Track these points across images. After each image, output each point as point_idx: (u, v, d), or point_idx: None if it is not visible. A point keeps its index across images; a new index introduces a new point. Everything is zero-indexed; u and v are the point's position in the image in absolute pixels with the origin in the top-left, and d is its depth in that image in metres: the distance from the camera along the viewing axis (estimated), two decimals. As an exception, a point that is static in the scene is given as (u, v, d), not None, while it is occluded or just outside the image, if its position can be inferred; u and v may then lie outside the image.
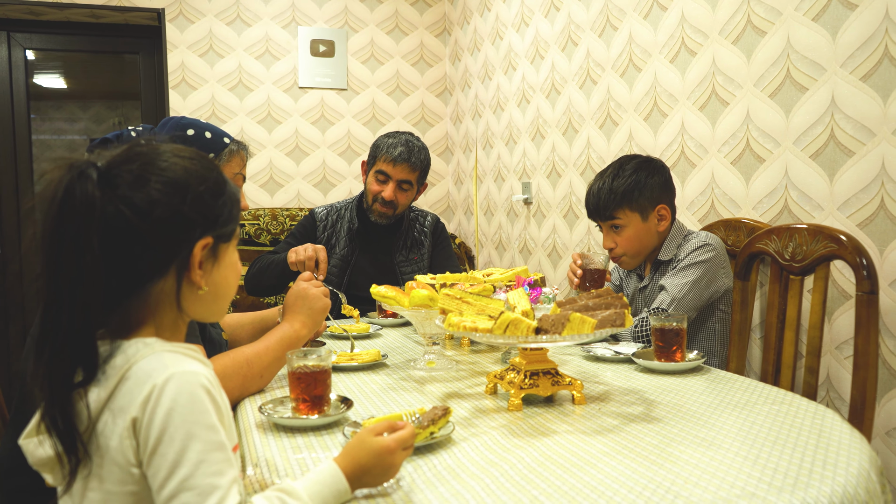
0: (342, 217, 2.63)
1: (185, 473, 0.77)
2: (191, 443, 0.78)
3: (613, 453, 1.07)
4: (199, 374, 0.83)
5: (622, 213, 1.97)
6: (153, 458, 0.79)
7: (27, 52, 4.17)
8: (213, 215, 0.90)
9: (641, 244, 2.00)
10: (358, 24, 4.24)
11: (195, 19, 3.97)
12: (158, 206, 0.84)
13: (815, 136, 1.87)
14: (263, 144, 4.09)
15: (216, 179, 0.91)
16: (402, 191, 2.52)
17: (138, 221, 0.83)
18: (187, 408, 0.80)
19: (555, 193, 3.23)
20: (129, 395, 0.81)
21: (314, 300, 1.61)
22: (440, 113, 4.44)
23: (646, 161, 2.01)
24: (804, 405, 1.29)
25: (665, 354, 1.58)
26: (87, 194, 0.81)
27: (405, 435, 0.96)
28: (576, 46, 2.98)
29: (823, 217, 1.85)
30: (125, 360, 0.83)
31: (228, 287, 0.96)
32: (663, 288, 1.90)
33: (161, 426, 0.78)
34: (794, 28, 1.91)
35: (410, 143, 2.52)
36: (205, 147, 1.58)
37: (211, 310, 0.96)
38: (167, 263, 0.87)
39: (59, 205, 0.81)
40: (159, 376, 0.81)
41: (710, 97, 2.24)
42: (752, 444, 1.09)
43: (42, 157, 4.48)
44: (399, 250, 2.63)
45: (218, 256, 0.92)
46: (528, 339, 1.25)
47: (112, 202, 0.82)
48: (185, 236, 0.87)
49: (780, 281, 1.85)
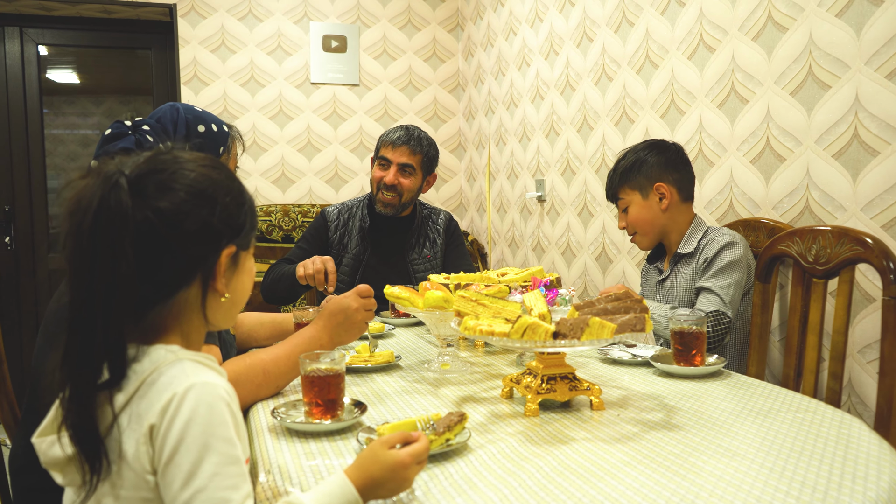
0: (354, 216, 2.60)
1: (200, 485, 0.77)
2: (207, 455, 0.78)
3: (634, 462, 1.04)
4: (219, 386, 0.83)
5: (623, 191, 2.05)
6: (168, 468, 0.78)
7: (39, 47, 4.17)
8: (238, 225, 0.91)
9: (646, 222, 2.03)
10: (370, 19, 4.22)
11: (207, 15, 3.95)
12: (188, 217, 0.85)
13: (837, 135, 1.83)
14: (275, 140, 4.08)
15: (238, 189, 0.93)
16: (404, 175, 2.47)
17: (167, 231, 0.84)
18: (206, 419, 0.79)
19: (569, 191, 3.19)
20: (149, 402, 0.80)
21: (353, 325, 1.53)
22: (453, 109, 4.41)
23: (654, 142, 2.07)
24: (829, 413, 1.26)
25: (684, 358, 1.55)
26: (120, 203, 0.81)
27: (419, 449, 0.94)
28: (591, 42, 2.94)
29: (846, 218, 1.81)
30: (148, 365, 0.83)
31: (245, 293, 0.98)
32: (706, 290, 1.87)
33: (178, 436, 0.78)
34: (817, 24, 1.87)
35: (411, 129, 2.52)
36: (215, 141, 1.56)
37: (229, 316, 0.97)
38: (194, 272, 0.88)
39: (95, 214, 0.81)
40: (180, 385, 0.80)
41: (730, 94, 2.20)
42: (776, 454, 1.06)
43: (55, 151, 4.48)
44: (412, 248, 2.59)
45: (238, 264, 0.94)
46: (547, 343, 1.22)
47: (141, 210, 0.83)
48: (212, 246, 0.89)
49: (802, 284, 1.82)
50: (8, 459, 1.47)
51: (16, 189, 4.17)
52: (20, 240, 4.21)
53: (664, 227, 2.03)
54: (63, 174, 4.51)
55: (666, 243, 2.09)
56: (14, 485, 1.43)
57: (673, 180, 2.01)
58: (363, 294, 1.57)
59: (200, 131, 1.55)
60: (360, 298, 1.55)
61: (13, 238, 4.20)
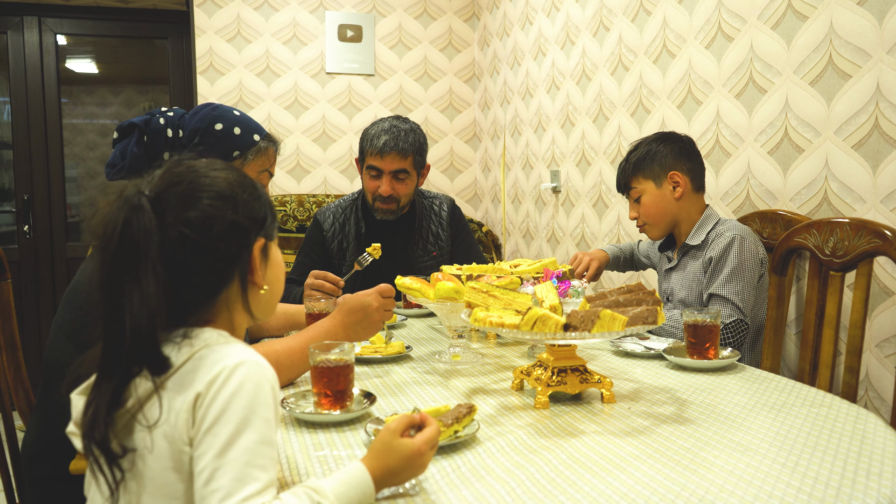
0: (349, 219, 2.46)
1: (232, 457, 0.78)
2: (246, 429, 0.79)
3: (644, 457, 1.03)
4: (267, 369, 0.85)
5: (636, 181, 2.05)
6: (206, 437, 0.79)
7: (58, 36, 4.20)
8: (261, 217, 0.95)
9: (659, 211, 2.03)
10: (386, 8, 4.20)
11: (223, 4, 3.95)
12: (215, 220, 0.88)
13: (857, 126, 1.80)
14: (290, 130, 4.08)
15: (251, 183, 0.96)
16: (398, 181, 2.35)
17: (200, 238, 0.87)
18: (251, 395, 0.81)
19: (584, 182, 3.17)
20: (198, 373, 0.83)
21: (371, 324, 1.52)
22: (468, 99, 4.39)
23: (664, 133, 2.06)
24: (844, 408, 1.24)
25: (697, 351, 1.53)
26: (143, 225, 0.84)
27: (432, 434, 0.94)
28: (607, 32, 2.91)
29: (865, 210, 1.78)
30: (200, 342, 0.86)
31: (280, 282, 1.02)
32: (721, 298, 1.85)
33: (222, 406, 0.80)
34: (838, 12, 1.83)
35: (395, 129, 2.32)
36: (230, 144, 1.55)
37: (270, 308, 1.00)
38: (231, 271, 0.91)
39: (119, 238, 0.83)
40: (231, 360, 0.83)
41: (748, 84, 2.17)
42: (789, 449, 1.05)
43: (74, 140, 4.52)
44: (416, 245, 2.47)
45: (269, 255, 0.98)
46: (557, 336, 1.21)
47: (173, 227, 0.86)
48: (243, 242, 0.92)
49: (819, 277, 1.79)
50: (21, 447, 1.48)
51: (34, 178, 4.21)
52: (39, 228, 4.25)
53: (676, 217, 2.02)
54: (82, 163, 4.55)
55: (676, 233, 2.07)
56: (28, 473, 1.45)
57: (686, 169, 1.99)
58: (385, 294, 1.54)
59: (216, 129, 1.54)
60: (381, 298, 1.53)
61: (32, 227, 4.24)
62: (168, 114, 1.54)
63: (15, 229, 4.26)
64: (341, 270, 2.42)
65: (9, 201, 4.36)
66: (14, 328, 1.73)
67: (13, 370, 1.71)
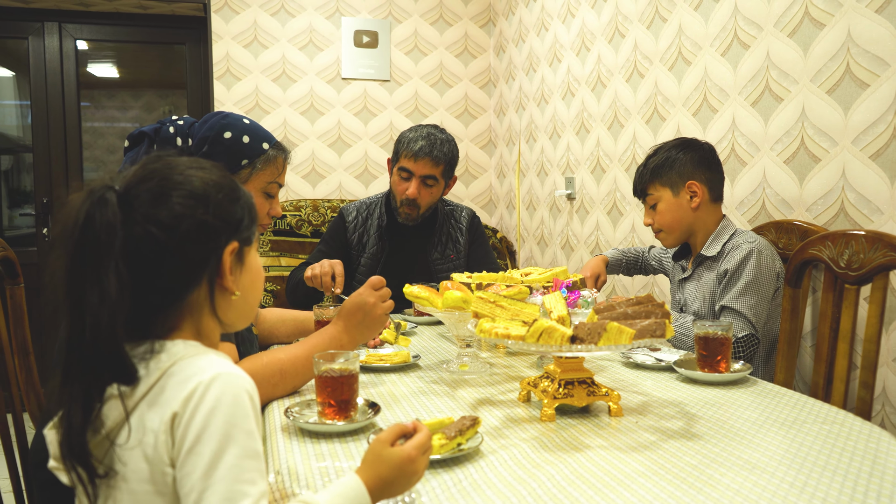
0: (372, 214, 2.54)
1: (219, 476, 0.76)
2: (229, 445, 0.77)
3: (650, 473, 1.01)
4: (243, 378, 0.82)
5: (653, 188, 2.01)
6: (189, 457, 0.77)
7: (78, 42, 4.24)
8: (235, 220, 0.91)
9: (675, 220, 1.99)
10: (402, 14, 4.20)
11: (240, 10, 3.98)
12: (184, 219, 0.85)
13: (875, 136, 1.77)
14: (306, 136, 4.09)
15: (231, 185, 0.92)
16: (426, 187, 2.41)
17: (166, 238, 0.83)
18: (231, 409, 0.78)
19: (599, 189, 3.15)
20: (172, 391, 0.80)
21: (374, 321, 1.50)
22: (483, 105, 4.38)
23: (686, 140, 2.03)
24: (857, 426, 1.21)
25: (708, 364, 1.51)
26: (106, 220, 0.80)
27: (422, 439, 0.93)
28: (623, 38, 2.89)
29: (883, 222, 1.75)
30: (167, 359, 0.83)
31: (256, 291, 0.97)
32: (734, 311, 1.82)
33: (202, 424, 0.77)
34: (856, 20, 1.81)
35: (432, 136, 2.39)
36: (238, 153, 1.55)
37: (243, 315, 0.96)
38: (199, 273, 0.87)
39: (80, 233, 0.80)
40: (205, 374, 0.80)
41: (764, 92, 2.14)
42: (798, 468, 1.03)
43: (95, 144, 4.57)
44: (434, 248, 2.54)
45: (244, 261, 0.93)
46: (563, 348, 1.20)
47: (139, 223, 0.82)
48: (213, 244, 0.88)
49: (833, 289, 1.76)
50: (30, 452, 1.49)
51: (53, 181, 4.26)
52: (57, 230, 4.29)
53: (691, 226, 1.99)
54: (102, 167, 4.60)
55: (691, 242, 2.05)
56: (36, 478, 1.45)
57: (705, 179, 1.97)
58: (376, 286, 1.52)
59: (225, 137, 1.54)
60: (374, 292, 1.51)
61: (51, 229, 4.28)
62: (178, 122, 1.54)
63: (34, 232, 4.31)
64: (359, 262, 2.51)
65: (28, 204, 4.41)
66: (26, 332, 1.74)
67: (25, 374, 1.72)
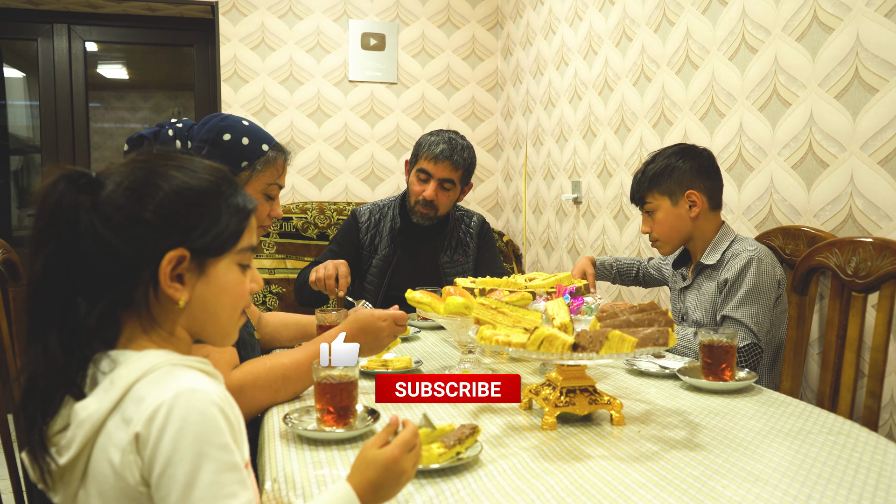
0: (385, 216, 2.56)
1: (197, 496, 0.74)
2: (203, 463, 0.75)
3: (651, 485, 1.00)
4: (209, 392, 0.78)
5: (652, 196, 1.98)
6: (162, 480, 0.75)
7: (87, 43, 4.26)
8: (185, 225, 0.84)
9: (672, 229, 1.97)
10: (409, 17, 4.20)
11: (248, 12, 3.98)
12: (120, 211, 0.81)
13: (884, 141, 1.75)
14: (312, 138, 4.09)
15: (208, 191, 0.86)
16: (443, 190, 2.44)
17: (100, 226, 0.81)
18: (199, 426, 0.76)
19: (605, 193, 3.13)
20: (133, 409, 0.77)
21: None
22: (491, 108, 4.37)
23: (685, 147, 1.99)
24: (863, 437, 1.19)
25: (713, 372, 1.49)
26: (54, 197, 0.80)
27: (407, 436, 0.91)
28: (630, 42, 2.88)
29: (891, 229, 1.73)
30: (126, 372, 0.80)
31: (221, 308, 0.89)
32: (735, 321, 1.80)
33: (171, 446, 0.75)
34: (865, 25, 1.79)
35: (453, 141, 2.42)
36: (238, 155, 1.53)
37: (206, 330, 0.90)
38: (136, 272, 0.82)
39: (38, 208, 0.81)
40: (167, 392, 0.77)
41: (771, 97, 2.12)
42: (803, 480, 1.01)
43: (105, 145, 4.59)
44: (444, 251, 2.56)
45: (206, 272, 0.86)
46: (564, 356, 1.19)
47: (87, 212, 0.81)
48: (150, 245, 0.82)
49: (840, 297, 1.73)
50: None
51: (61, 183, 4.27)
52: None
53: (690, 235, 1.97)
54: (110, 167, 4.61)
55: (691, 250, 2.02)
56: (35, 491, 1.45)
57: (704, 188, 1.94)
58: (399, 322, 1.57)
59: (224, 139, 1.53)
60: (395, 326, 1.56)
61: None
62: (177, 125, 1.54)
63: (42, 233, 4.32)
64: (370, 264, 2.52)
65: (36, 205, 4.42)
66: (28, 335, 1.74)
67: (26, 377, 1.71)
